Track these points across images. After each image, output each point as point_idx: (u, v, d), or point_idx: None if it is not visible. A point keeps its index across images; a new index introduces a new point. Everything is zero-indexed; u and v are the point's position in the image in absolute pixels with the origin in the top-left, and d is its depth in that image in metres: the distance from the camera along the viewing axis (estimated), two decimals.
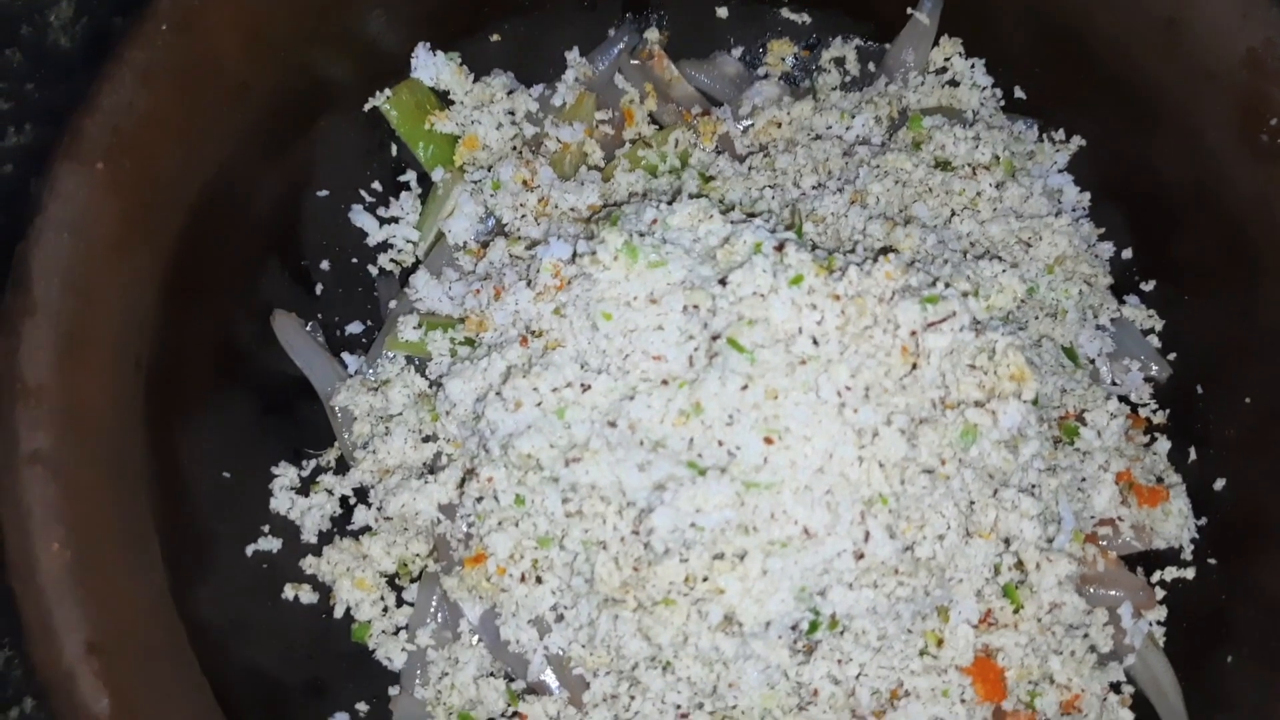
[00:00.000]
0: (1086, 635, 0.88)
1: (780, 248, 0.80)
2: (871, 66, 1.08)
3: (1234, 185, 0.88)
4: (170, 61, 0.75)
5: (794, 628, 0.79)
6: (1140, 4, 0.89)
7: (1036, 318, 0.94)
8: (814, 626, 0.79)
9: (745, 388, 0.78)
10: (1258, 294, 0.89)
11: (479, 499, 0.85)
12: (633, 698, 0.83)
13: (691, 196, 0.89)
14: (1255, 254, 0.88)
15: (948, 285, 0.80)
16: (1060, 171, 1.03)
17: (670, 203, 0.89)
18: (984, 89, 1.04)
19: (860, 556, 0.78)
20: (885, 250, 0.84)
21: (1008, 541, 0.84)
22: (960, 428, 0.79)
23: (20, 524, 0.64)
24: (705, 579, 0.78)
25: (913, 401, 0.78)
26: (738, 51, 1.09)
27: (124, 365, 0.73)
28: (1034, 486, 0.85)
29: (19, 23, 1.16)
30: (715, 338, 0.79)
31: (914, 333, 0.77)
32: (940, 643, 0.83)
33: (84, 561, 0.65)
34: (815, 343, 0.79)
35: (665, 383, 0.82)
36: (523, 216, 0.96)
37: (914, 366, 0.78)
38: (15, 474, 0.64)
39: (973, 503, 0.83)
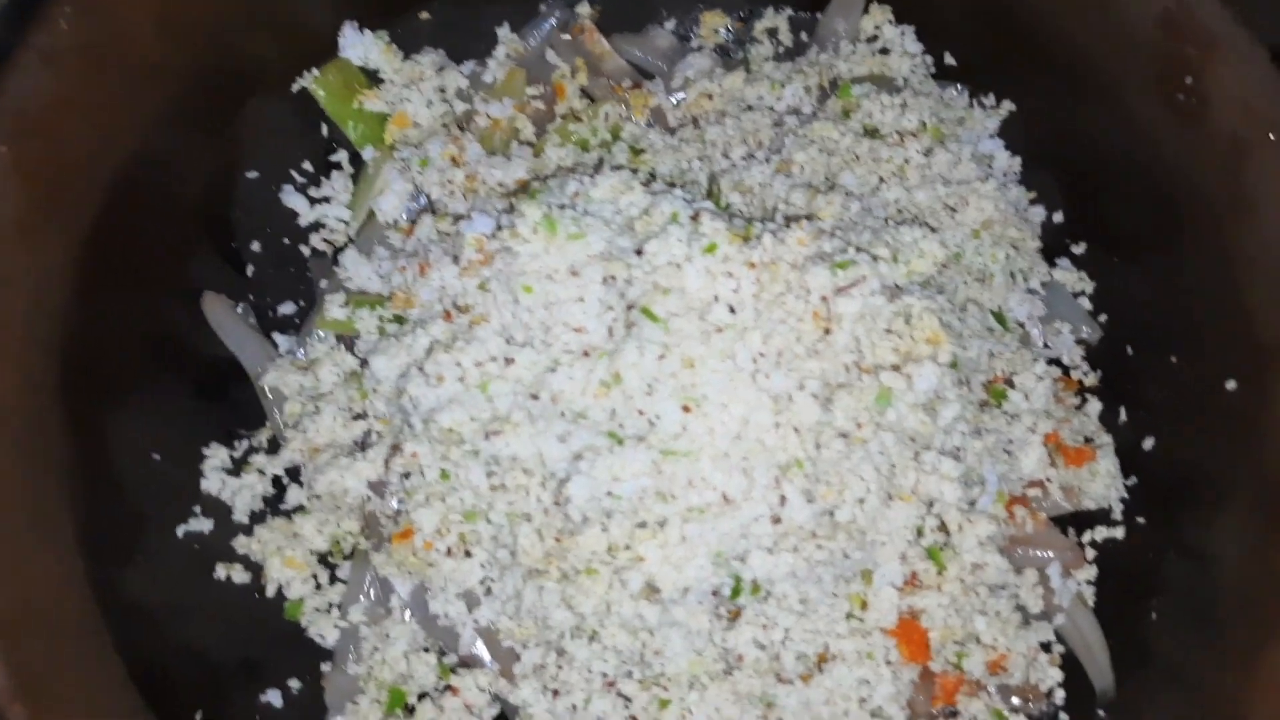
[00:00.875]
0: (1013, 596, 0.89)
1: (695, 217, 0.80)
2: (804, 36, 1.08)
3: (1156, 146, 0.89)
4: (76, 44, 0.75)
5: (715, 593, 0.80)
6: None
7: (965, 283, 0.95)
8: (736, 592, 0.80)
9: (662, 357, 0.79)
10: (1181, 253, 0.89)
11: (406, 475, 0.86)
12: (560, 668, 0.83)
13: (615, 169, 0.89)
14: (1177, 213, 0.88)
15: (859, 250, 0.80)
16: (991, 137, 1.03)
17: (595, 175, 0.89)
18: (914, 56, 1.04)
19: (777, 521, 0.78)
20: (804, 218, 0.84)
21: (930, 505, 0.84)
22: (876, 392, 0.79)
23: None
24: (626, 547, 0.79)
25: (827, 366, 0.79)
26: (670, 24, 1.08)
27: (35, 350, 0.73)
28: (958, 449, 0.86)
29: None
30: (630, 307, 0.80)
31: (825, 298, 0.77)
32: (865, 606, 0.83)
33: None
34: (732, 310, 0.79)
35: (586, 354, 0.82)
36: (451, 193, 0.96)
37: (827, 332, 0.78)
38: None
39: (893, 466, 0.83)
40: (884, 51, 1.04)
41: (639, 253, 0.80)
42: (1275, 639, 0.71)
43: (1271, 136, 0.81)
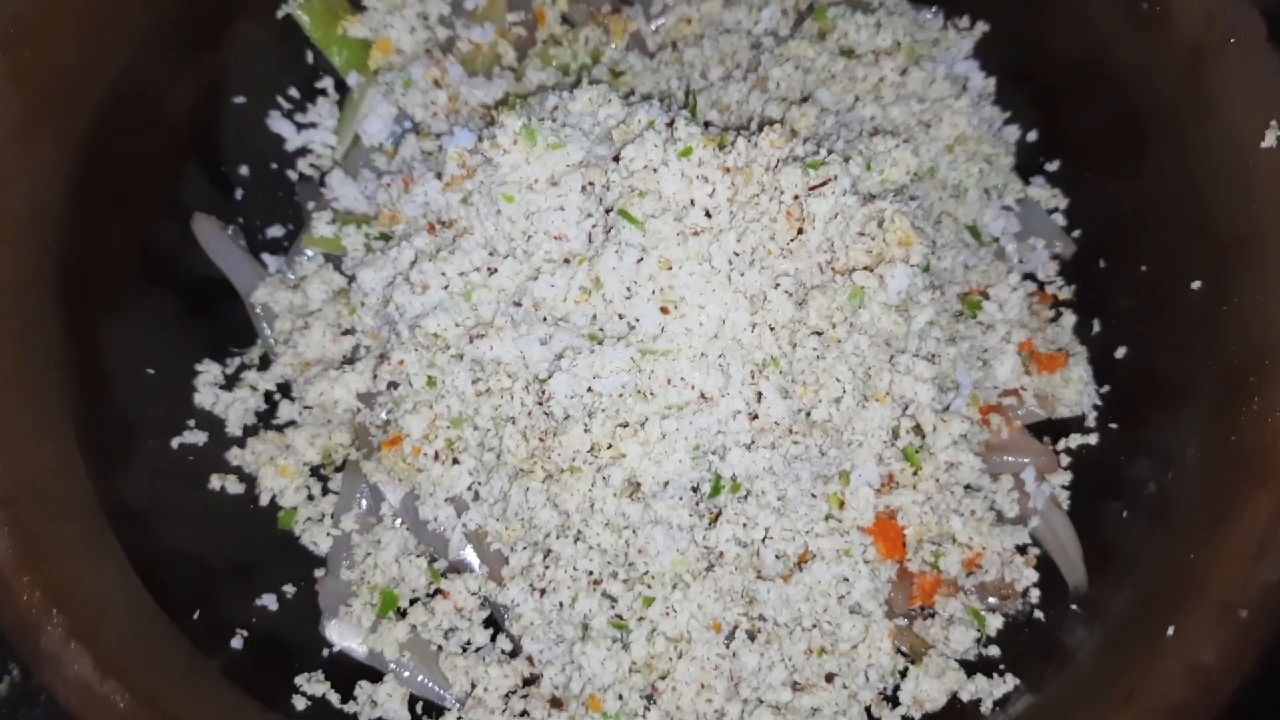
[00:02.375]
0: (989, 499, 0.92)
1: (671, 123, 0.82)
2: None
3: (1120, 56, 0.91)
4: None
5: (694, 489, 0.82)
6: None
7: (940, 197, 0.97)
8: (716, 490, 0.82)
9: (640, 260, 0.81)
10: (1147, 160, 0.91)
11: (393, 385, 0.88)
12: (547, 568, 0.86)
13: (593, 84, 0.91)
14: (1142, 122, 0.91)
15: (830, 152, 0.82)
16: (966, 58, 1.05)
17: (574, 90, 0.91)
18: None
19: (754, 417, 0.81)
20: (778, 123, 0.86)
21: (905, 407, 0.87)
22: (849, 291, 0.81)
23: None
24: (608, 445, 0.81)
25: (801, 266, 0.81)
26: None
27: (32, 246, 0.75)
28: (933, 355, 0.88)
29: None
30: (609, 211, 0.82)
31: (797, 198, 0.79)
32: (842, 505, 0.86)
33: None
34: (708, 215, 0.81)
35: (567, 261, 0.84)
36: (434, 114, 0.98)
37: (800, 232, 0.80)
38: None
39: (869, 368, 0.85)
40: None
41: (616, 159, 0.82)
42: (1232, 513, 0.74)
43: (1231, 40, 0.83)
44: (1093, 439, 0.95)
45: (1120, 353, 0.95)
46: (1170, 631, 0.72)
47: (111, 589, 0.73)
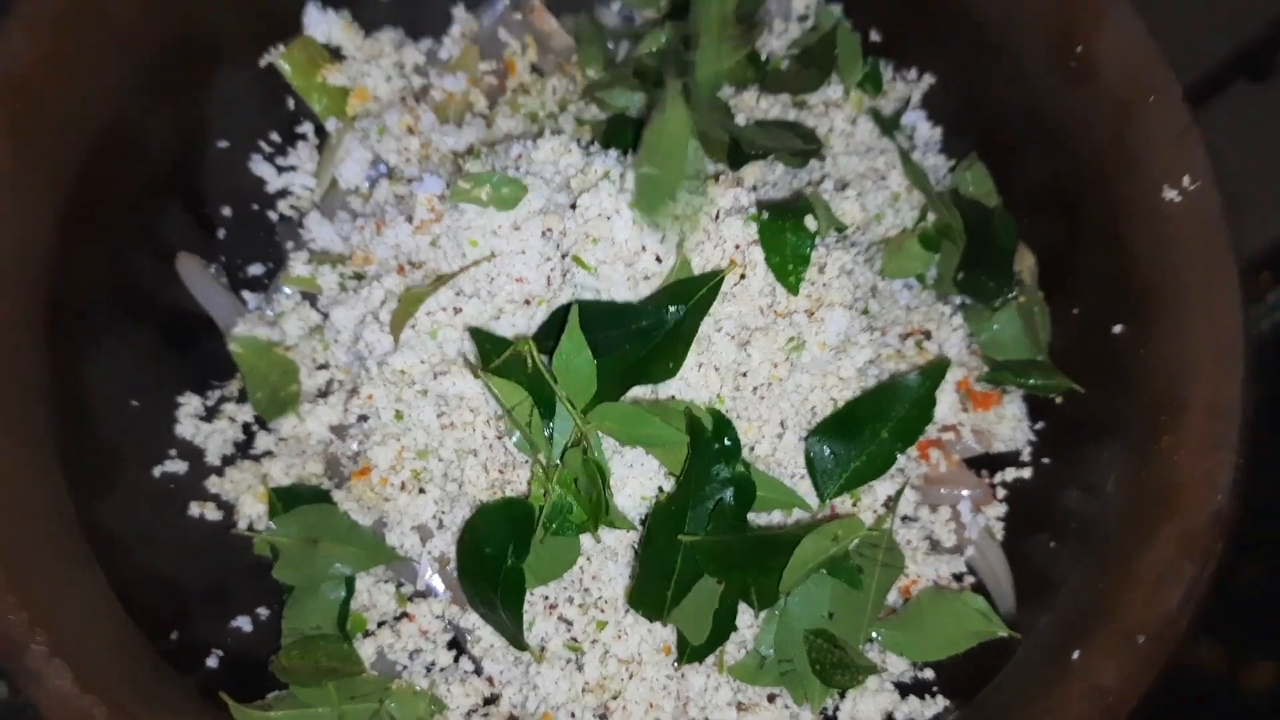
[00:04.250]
0: (924, 526, 0.97)
1: (624, 174, 0.88)
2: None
3: (1053, 110, 0.96)
4: (56, 12, 0.82)
5: (643, 522, 0.87)
6: None
7: (884, 244, 1.02)
8: None
9: None
10: (1077, 209, 0.97)
11: (363, 417, 0.93)
12: None
13: (557, 134, 0.96)
14: (1073, 172, 0.96)
15: (776, 207, 0.87)
16: (914, 109, 1.11)
17: (537, 140, 0.96)
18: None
19: None
20: (725, 175, 0.91)
21: None
22: (789, 334, 0.87)
23: None
24: None
25: (744, 309, 0.86)
26: (616, 4, 1.16)
27: (21, 284, 0.81)
28: None
29: None
30: (565, 256, 0.87)
31: (738, 246, 0.85)
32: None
33: None
34: (658, 259, 0.87)
35: (527, 302, 0.89)
36: (407, 160, 1.03)
37: (742, 277, 0.85)
38: None
39: (813, 407, 0.91)
40: (815, 30, 1.12)
41: (573, 207, 0.87)
42: (1140, 545, 0.79)
43: (1151, 98, 0.89)
44: (1026, 473, 1.00)
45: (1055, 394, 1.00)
46: (1075, 655, 0.78)
47: (91, 610, 0.78)
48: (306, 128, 1.09)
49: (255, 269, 1.06)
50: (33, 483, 0.78)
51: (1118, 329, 0.91)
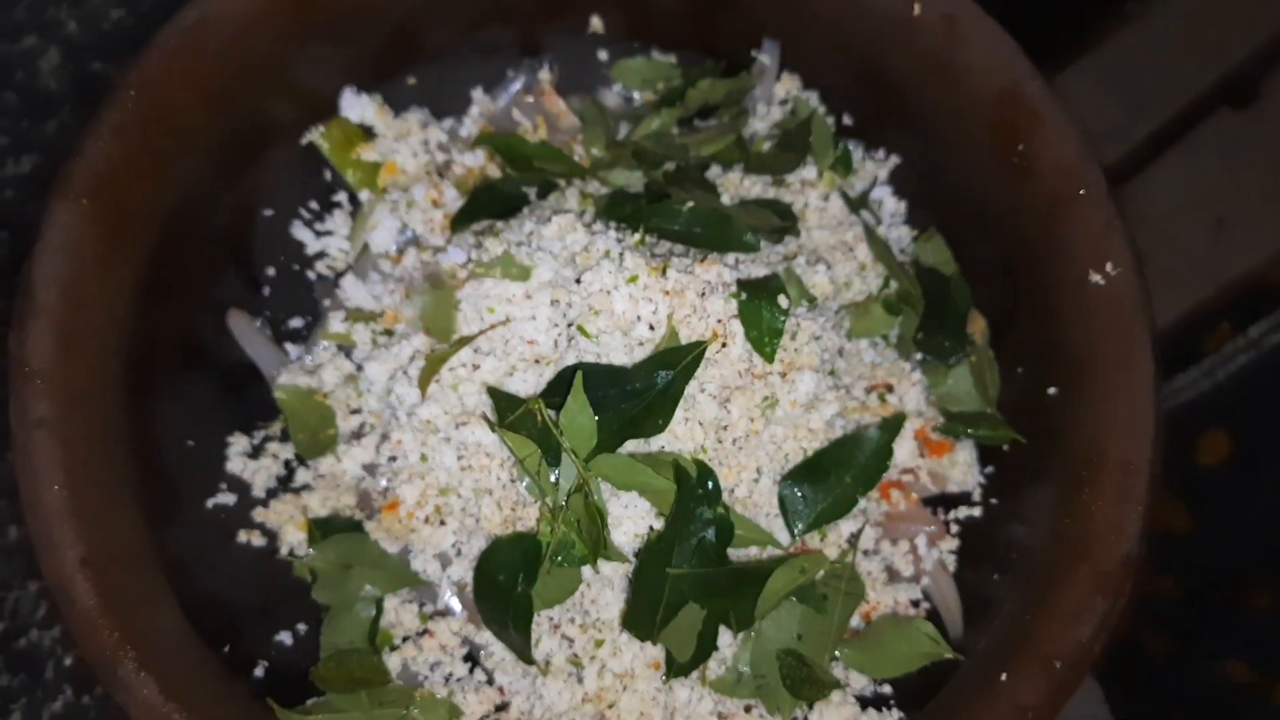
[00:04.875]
0: (884, 558, 1.10)
1: (622, 254, 1.01)
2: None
3: (997, 197, 1.09)
4: (137, 118, 0.96)
5: (635, 555, 1.00)
6: (921, 51, 1.09)
7: (850, 310, 1.16)
8: None
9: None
10: (1022, 281, 1.10)
11: (392, 458, 1.07)
12: None
13: (564, 212, 1.10)
14: (1017, 249, 1.09)
15: (751, 284, 1.01)
16: (882, 184, 1.25)
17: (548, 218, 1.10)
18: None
19: None
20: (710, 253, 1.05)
21: None
22: (764, 393, 1.00)
23: (30, 473, 0.86)
24: None
25: (725, 372, 0.99)
26: (616, 87, 1.30)
27: (107, 353, 0.94)
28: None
29: (14, 69, 1.37)
30: (570, 324, 1.01)
31: (720, 320, 0.98)
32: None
33: (77, 500, 0.86)
34: (651, 328, 1.00)
35: (537, 361, 1.03)
36: (432, 229, 1.17)
37: (724, 345, 0.99)
38: (27, 436, 0.86)
39: (786, 455, 1.04)
40: (795, 114, 1.26)
41: (579, 281, 1.01)
42: (1059, 582, 0.93)
43: (1081, 192, 1.02)
44: (976, 511, 1.14)
45: (1002, 443, 1.13)
46: (1003, 677, 0.91)
47: (168, 628, 0.91)
48: (341, 196, 1.23)
49: (296, 322, 1.20)
50: (117, 520, 0.91)
51: (1052, 391, 1.04)
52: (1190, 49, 1.49)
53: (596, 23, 1.26)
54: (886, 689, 1.07)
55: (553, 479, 0.95)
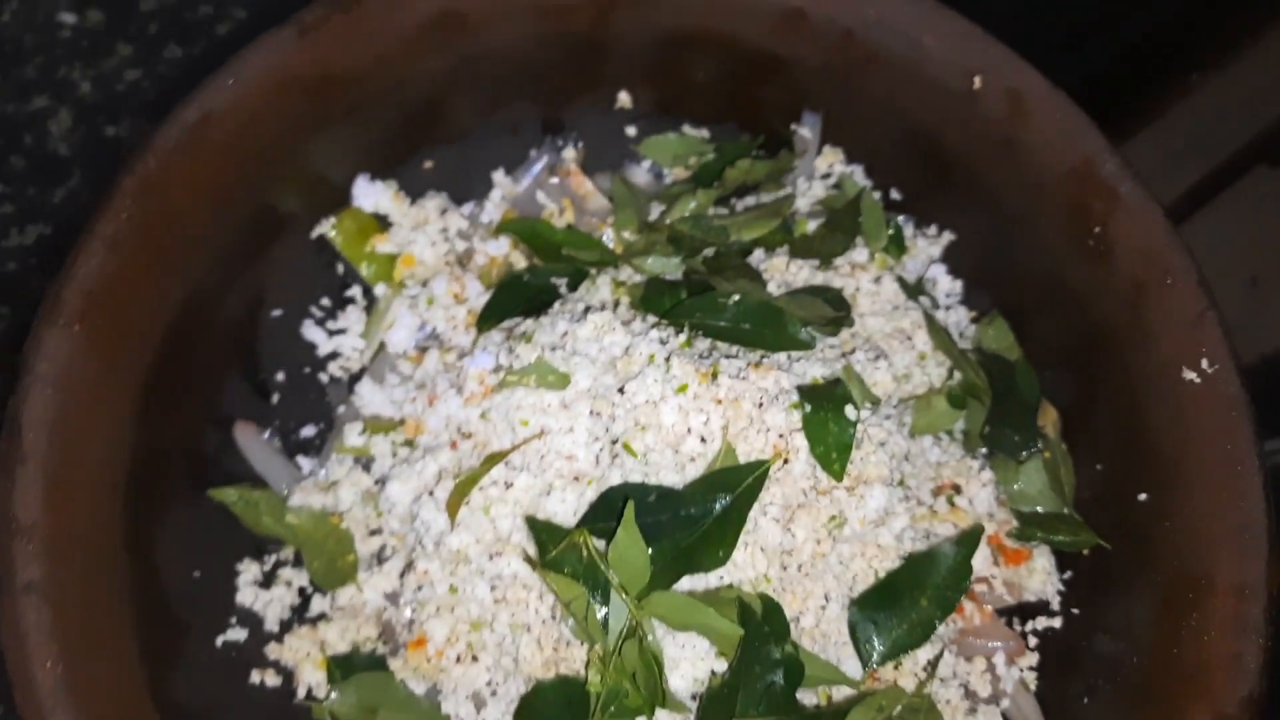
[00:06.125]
0: (963, 683, 1.00)
1: (668, 359, 0.92)
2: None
3: (1071, 281, 1.01)
4: (134, 229, 0.87)
5: (694, 698, 0.91)
6: (981, 126, 1.02)
7: (912, 402, 1.07)
8: None
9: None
10: (1095, 376, 1.01)
11: (418, 588, 0.97)
12: None
13: (599, 309, 1.01)
14: (1091, 340, 1.01)
15: (813, 393, 0.91)
16: (935, 263, 1.16)
17: (582, 317, 1.01)
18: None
19: None
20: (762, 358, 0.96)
21: None
22: (831, 511, 0.91)
23: (19, 646, 0.76)
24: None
25: (787, 491, 0.90)
26: (646, 164, 1.21)
27: (104, 494, 0.85)
28: (908, 554, 0.97)
29: (22, 131, 1.28)
30: (615, 441, 0.91)
31: (781, 435, 0.89)
32: (829, 700, 0.94)
33: (73, 674, 0.76)
34: (703, 440, 0.91)
35: (576, 479, 0.94)
36: (454, 327, 1.08)
37: (786, 461, 0.90)
38: (13, 602, 0.76)
39: (854, 576, 0.95)
40: (837, 188, 1.17)
41: (621, 391, 0.92)
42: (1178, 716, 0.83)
43: (1168, 280, 0.94)
44: (1056, 622, 1.04)
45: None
46: None
47: None
48: (355, 291, 1.14)
49: (308, 430, 1.11)
50: (118, 689, 0.81)
51: (1142, 496, 0.95)
52: (1227, 105, 1.41)
53: (624, 98, 1.18)
54: None
55: (600, 619, 0.85)
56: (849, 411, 0.89)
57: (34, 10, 1.29)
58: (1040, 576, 1.04)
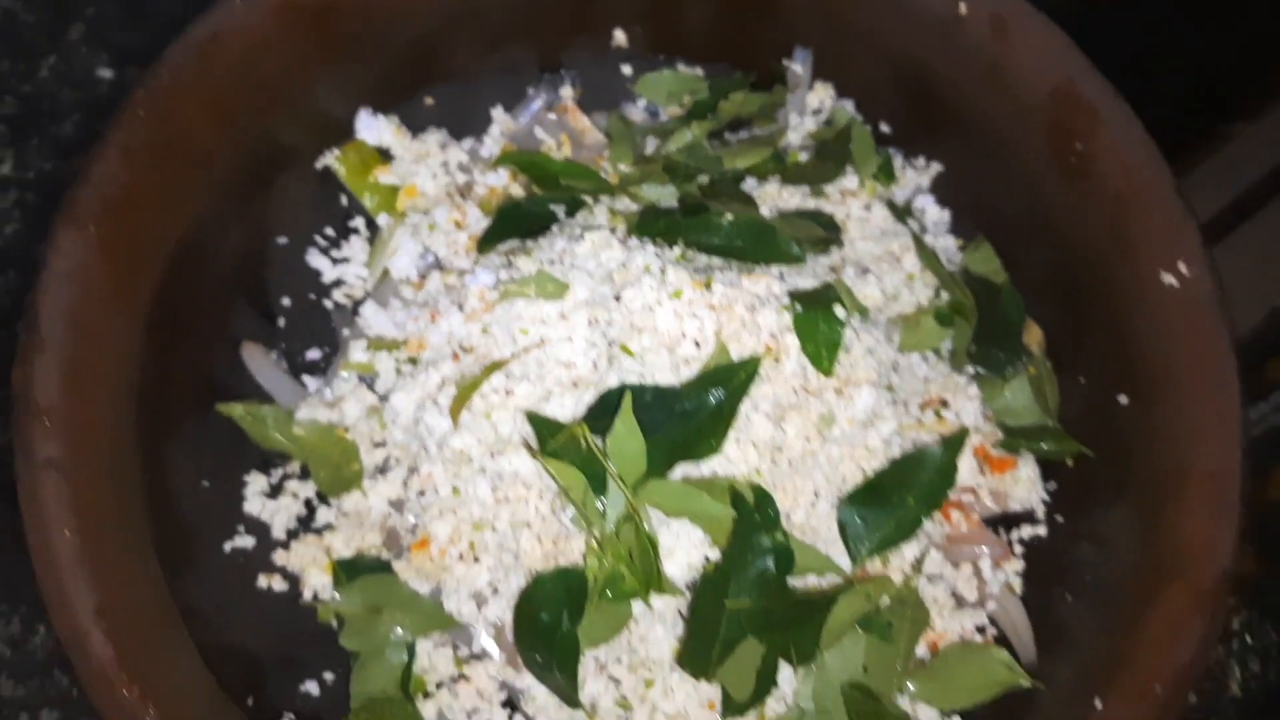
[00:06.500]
0: (948, 583, 1.03)
1: (664, 269, 0.96)
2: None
3: (1054, 201, 1.04)
4: (146, 140, 0.91)
5: (689, 587, 0.94)
6: (968, 52, 1.05)
7: (902, 319, 1.10)
8: None
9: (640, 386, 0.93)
10: (1083, 288, 1.04)
11: (421, 493, 1.00)
12: None
13: (596, 228, 1.04)
14: (1074, 258, 1.04)
15: (803, 296, 0.95)
16: (923, 193, 1.20)
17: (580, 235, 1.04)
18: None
19: None
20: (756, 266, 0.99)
21: None
22: (821, 410, 0.94)
23: (38, 517, 0.79)
24: None
25: (778, 390, 0.93)
26: (641, 103, 1.25)
27: (118, 389, 0.88)
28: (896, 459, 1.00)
29: (61, 189, 1.31)
30: (611, 344, 0.95)
31: (772, 334, 0.92)
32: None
33: (90, 545, 0.79)
34: (697, 345, 0.94)
35: (575, 385, 0.97)
36: (455, 252, 1.11)
37: (777, 360, 0.93)
38: (34, 477, 0.79)
39: (844, 477, 0.98)
40: (828, 123, 1.20)
41: (618, 298, 0.95)
42: (1152, 603, 0.86)
43: (1147, 192, 0.97)
44: (1042, 530, 1.07)
45: (1066, 457, 1.07)
46: (1098, 704, 0.84)
47: (189, 681, 0.84)
48: (359, 222, 1.17)
49: (313, 354, 1.14)
50: (133, 567, 0.84)
51: (1123, 399, 0.98)
52: (1247, 135, 1.42)
53: (620, 37, 1.21)
54: None
55: (599, 508, 0.88)
56: (838, 311, 0.93)
57: (71, 66, 1.32)
58: (1025, 485, 1.07)
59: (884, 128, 1.20)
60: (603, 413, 0.91)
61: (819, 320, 0.92)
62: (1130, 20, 1.29)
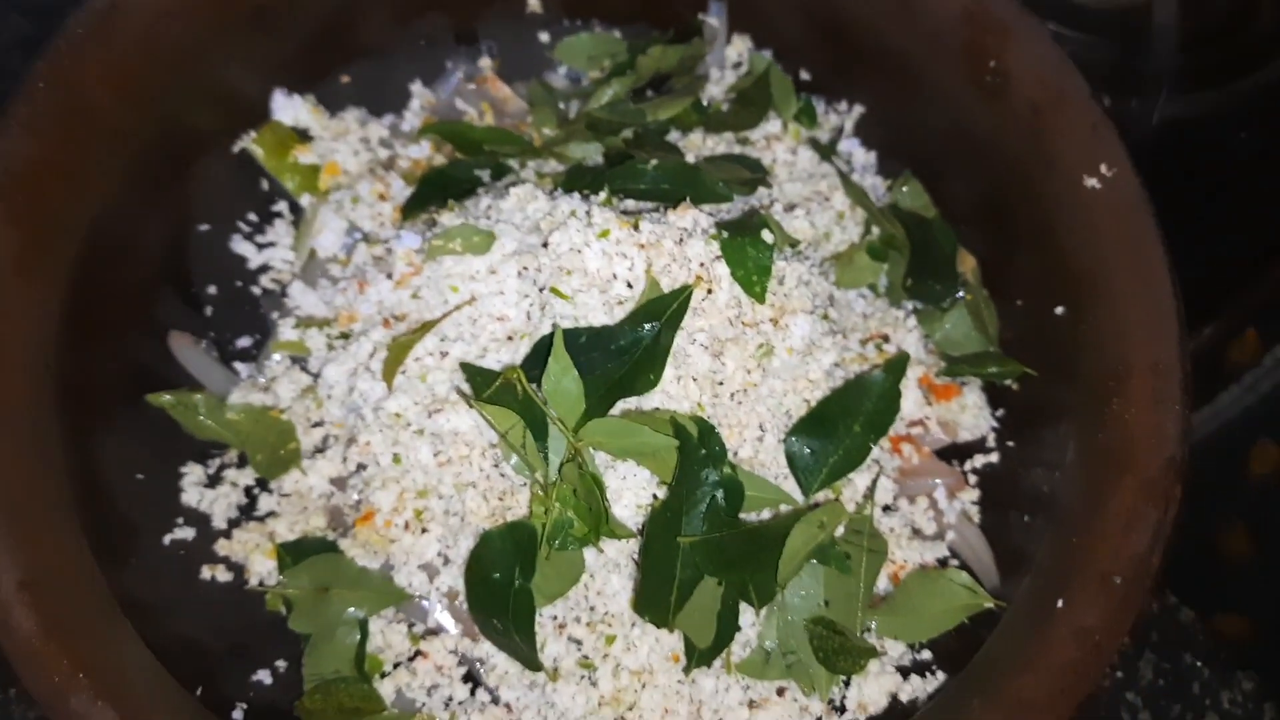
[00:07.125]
0: (905, 516, 1.02)
1: (589, 211, 0.94)
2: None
3: (976, 124, 1.04)
4: (49, 113, 0.88)
5: (641, 531, 0.92)
6: None
7: (835, 259, 1.09)
8: None
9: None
10: (1008, 211, 1.04)
11: (362, 466, 0.97)
12: None
13: (521, 184, 1.03)
14: (1000, 179, 1.04)
15: (731, 224, 0.94)
16: (848, 137, 1.20)
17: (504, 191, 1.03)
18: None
19: None
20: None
21: None
22: (758, 340, 0.93)
23: None
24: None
25: (714, 322, 0.92)
26: (562, 70, 1.24)
27: (35, 369, 0.85)
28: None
29: None
30: (542, 290, 0.93)
31: (702, 264, 0.91)
32: None
33: (12, 521, 0.76)
34: (629, 285, 0.93)
35: (510, 338, 0.95)
36: (381, 224, 1.10)
37: (709, 292, 0.92)
38: None
39: (788, 411, 0.97)
40: (748, 74, 1.20)
41: (545, 245, 0.94)
42: (1103, 498, 0.85)
43: (1062, 99, 0.97)
44: (994, 457, 1.07)
45: (1010, 380, 1.07)
46: (1060, 604, 0.83)
47: (129, 660, 0.81)
48: (281, 206, 1.15)
49: (243, 341, 1.11)
50: (59, 545, 0.81)
51: (1059, 310, 0.98)
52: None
53: (534, 3, 1.21)
54: (926, 654, 0.99)
55: (541, 453, 0.86)
56: (766, 235, 0.92)
57: None
58: (973, 412, 1.06)
59: (804, 75, 1.20)
60: (539, 361, 0.90)
61: (747, 245, 0.91)
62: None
